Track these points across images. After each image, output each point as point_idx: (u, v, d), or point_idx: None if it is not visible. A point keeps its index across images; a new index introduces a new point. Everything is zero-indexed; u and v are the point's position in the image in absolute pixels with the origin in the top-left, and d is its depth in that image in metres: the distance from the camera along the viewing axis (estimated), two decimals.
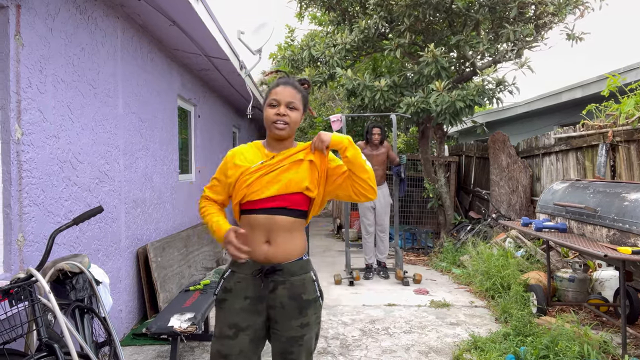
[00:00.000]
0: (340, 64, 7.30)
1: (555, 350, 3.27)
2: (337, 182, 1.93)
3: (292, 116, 1.88)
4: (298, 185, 1.85)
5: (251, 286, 1.86)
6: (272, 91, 1.91)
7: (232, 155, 1.97)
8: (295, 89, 1.90)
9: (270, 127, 1.88)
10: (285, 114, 1.85)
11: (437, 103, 6.48)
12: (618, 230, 3.53)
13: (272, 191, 1.83)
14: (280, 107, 1.86)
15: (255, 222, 1.85)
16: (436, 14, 7.05)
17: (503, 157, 7.96)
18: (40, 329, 2.04)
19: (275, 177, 1.85)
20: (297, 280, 1.87)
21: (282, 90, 1.88)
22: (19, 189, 2.52)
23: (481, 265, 5.61)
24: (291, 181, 1.85)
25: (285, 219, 1.85)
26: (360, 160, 1.87)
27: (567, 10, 6.67)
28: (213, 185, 2.01)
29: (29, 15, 2.61)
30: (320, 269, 6.67)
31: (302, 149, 1.91)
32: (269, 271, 1.84)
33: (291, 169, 1.87)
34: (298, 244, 1.91)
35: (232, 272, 1.91)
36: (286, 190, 1.84)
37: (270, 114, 1.87)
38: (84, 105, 3.24)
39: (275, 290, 1.85)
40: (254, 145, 2.00)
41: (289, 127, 1.87)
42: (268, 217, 1.83)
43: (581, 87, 7.13)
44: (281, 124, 1.86)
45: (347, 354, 3.62)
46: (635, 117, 4.92)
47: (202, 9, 4.17)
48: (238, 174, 1.88)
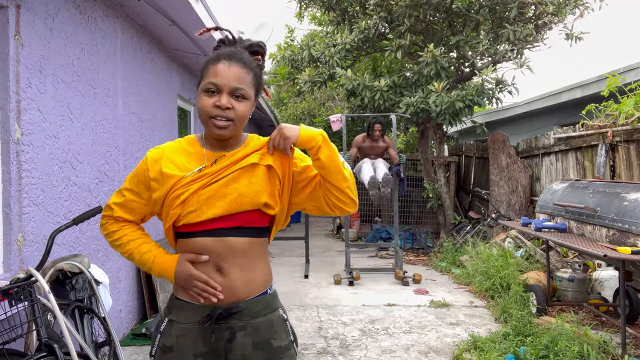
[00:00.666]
0: (340, 64, 7.30)
1: (554, 350, 3.28)
2: (306, 191, 1.44)
3: (239, 109, 1.33)
4: (252, 200, 1.35)
5: (200, 339, 1.36)
6: (210, 68, 1.34)
7: (154, 159, 1.41)
8: (244, 66, 1.34)
9: (206, 123, 1.35)
10: (229, 107, 1.31)
11: (437, 103, 6.48)
12: (617, 230, 3.53)
13: (217, 210, 1.34)
14: (222, 97, 1.31)
15: (200, 247, 1.36)
16: (436, 14, 7.05)
17: (503, 157, 7.96)
18: (40, 329, 2.04)
19: (219, 191, 1.35)
20: (263, 322, 1.39)
21: (224, 70, 1.32)
22: (18, 189, 2.52)
23: (481, 265, 5.61)
24: (243, 196, 1.35)
25: (241, 241, 1.37)
26: (337, 163, 1.36)
27: (567, 10, 6.68)
28: (126, 201, 1.44)
29: (29, 15, 2.61)
30: (320, 269, 6.68)
31: (256, 149, 1.40)
32: (223, 315, 1.35)
33: (242, 178, 1.36)
34: (260, 273, 1.42)
35: (171, 321, 1.39)
36: (237, 208, 1.35)
37: (207, 105, 1.32)
38: (84, 105, 3.24)
39: (234, 339, 1.36)
40: (186, 143, 1.45)
41: (234, 124, 1.34)
42: (217, 240, 1.35)
43: (581, 87, 7.13)
44: (222, 121, 1.32)
45: (347, 354, 3.62)
46: (635, 117, 4.92)
47: (202, 9, 4.17)
48: (167, 188, 1.36)
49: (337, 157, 1.38)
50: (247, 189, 1.36)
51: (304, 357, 3.56)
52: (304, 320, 4.41)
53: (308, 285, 5.73)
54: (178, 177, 1.37)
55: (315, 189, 1.44)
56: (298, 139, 1.35)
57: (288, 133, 1.35)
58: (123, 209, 1.45)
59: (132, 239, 1.44)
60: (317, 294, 5.36)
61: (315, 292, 5.41)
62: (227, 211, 1.35)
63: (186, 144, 1.45)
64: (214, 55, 1.37)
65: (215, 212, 1.34)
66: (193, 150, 1.43)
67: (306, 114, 13.85)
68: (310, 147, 1.36)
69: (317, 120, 13.27)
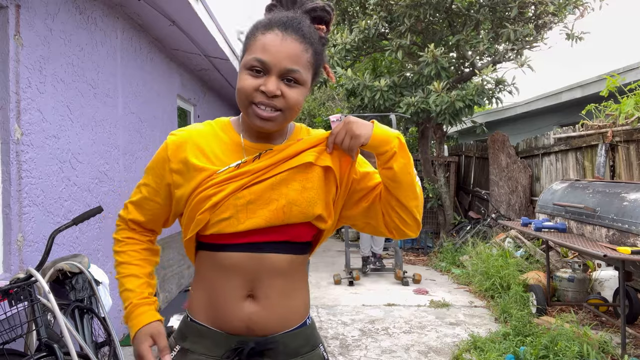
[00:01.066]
0: (340, 63, 7.30)
1: (554, 350, 3.28)
2: (362, 205, 1.16)
3: (291, 97, 1.02)
4: (304, 211, 1.06)
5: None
6: (256, 39, 1.02)
7: (176, 144, 1.10)
8: (303, 40, 1.02)
9: (246, 110, 1.04)
10: (278, 94, 1.01)
11: (437, 103, 6.48)
12: (617, 230, 3.53)
13: (258, 220, 1.05)
14: (269, 80, 1.00)
15: (231, 263, 1.07)
16: (436, 14, 7.05)
17: (502, 157, 7.96)
18: (40, 329, 2.04)
19: (263, 195, 1.05)
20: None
21: (276, 43, 1.00)
22: (18, 189, 2.52)
23: (481, 265, 5.61)
24: (293, 204, 1.06)
25: (283, 259, 1.09)
26: (412, 176, 1.09)
27: (568, 10, 6.68)
28: (142, 199, 1.16)
29: (29, 16, 2.61)
30: (320, 268, 6.68)
31: (312, 145, 1.09)
32: (255, 351, 1.07)
33: (293, 181, 1.07)
34: (301, 299, 1.15)
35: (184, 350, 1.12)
36: (283, 220, 1.06)
37: (248, 88, 1.01)
38: (84, 105, 3.24)
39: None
40: (218, 128, 1.14)
41: (283, 115, 1.03)
42: (253, 256, 1.06)
43: (581, 87, 7.14)
44: (267, 111, 1.02)
45: (347, 354, 3.62)
46: (635, 117, 4.92)
47: (202, 9, 4.17)
48: (194, 185, 1.06)
49: (412, 168, 1.09)
50: (299, 196, 1.06)
51: None
52: None
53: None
54: (209, 171, 1.06)
55: (373, 203, 1.14)
56: (370, 139, 1.05)
57: (358, 130, 1.04)
58: (138, 209, 1.17)
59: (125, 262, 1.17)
60: (317, 293, 5.36)
61: (315, 292, 5.41)
62: (270, 222, 1.05)
63: (219, 129, 1.13)
64: (265, 21, 1.05)
65: (256, 222, 1.05)
66: (227, 139, 1.11)
67: (306, 114, 13.85)
68: (383, 151, 1.06)
69: (317, 120, 13.27)
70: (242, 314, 1.07)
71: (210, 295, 1.10)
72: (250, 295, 1.08)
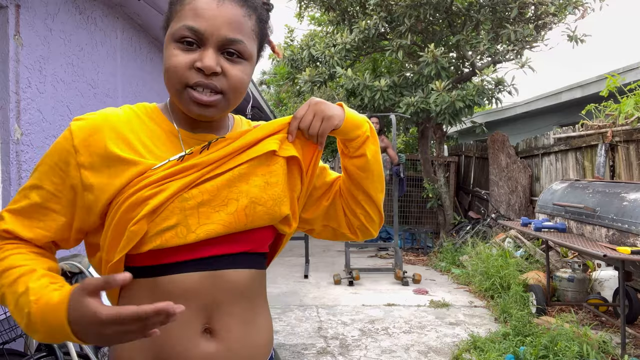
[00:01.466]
0: (340, 63, 7.31)
1: (554, 350, 3.28)
2: (322, 205, 1.00)
3: (234, 75, 0.82)
4: (270, 211, 0.87)
5: None
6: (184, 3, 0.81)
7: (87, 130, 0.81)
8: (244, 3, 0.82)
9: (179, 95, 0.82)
10: (218, 71, 0.80)
11: (437, 103, 6.49)
12: (617, 230, 3.54)
13: (215, 226, 0.82)
14: (206, 54, 0.79)
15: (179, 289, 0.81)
16: (436, 14, 7.06)
17: (502, 157, 7.96)
18: None
19: (218, 194, 0.83)
20: None
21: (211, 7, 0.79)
22: (18, 189, 2.53)
23: (480, 265, 5.61)
24: (257, 203, 0.85)
25: (244, 275, 0.86)
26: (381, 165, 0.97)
27: (568, 10, 6.68)
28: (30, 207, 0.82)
29: (28, 16, 2.61)
30: (320, 268, 6.68)
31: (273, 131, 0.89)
32: None
33: (254, 176, 0.86)
34: (265, 328, 0.92)
35: None
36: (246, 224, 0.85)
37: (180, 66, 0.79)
38: (84, 105, 3.24)
39: None
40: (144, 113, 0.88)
41: (225, 100, 0.83)
42: (208, 275, 0.82)
43: (581, 87, 7.14)
44: (207, 94, 0.80)
45: (347, 354, 3.62)
46: (635, 117, 4.92)
47: None
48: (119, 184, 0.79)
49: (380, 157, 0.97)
50: (263, 193, 0.86)
51: (303, 357, 3.56)
52: (304, 320, 4.41)
53: (308, 285, 5.73)
54: (141, 165, 0.80)
55: (334, 201, 0.99)
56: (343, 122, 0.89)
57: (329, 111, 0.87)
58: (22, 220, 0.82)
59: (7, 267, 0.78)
60: (317, 294, 5.36)
61: (315, 292, 5.41)
62: (231, 228, 0.83)
63: (144, 116, 0.87)
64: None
65: (212, 229, 0.81)
66: (157, 128, 0.86)
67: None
68: (355, 136, 0.92)
69: None
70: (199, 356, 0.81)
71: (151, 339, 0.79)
72: (207, 330, 0.83)
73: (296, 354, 3.59)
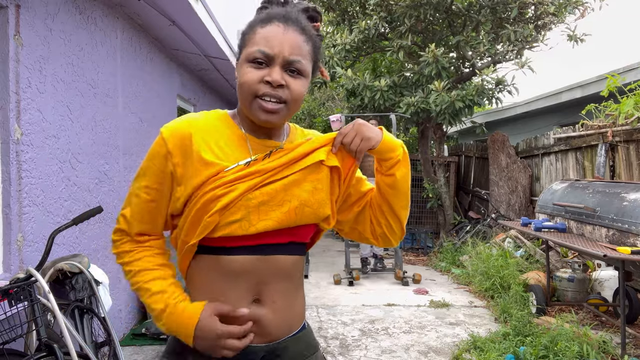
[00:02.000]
0: (340, 64, 7.30)
1: (554, 350, 3.28)
2: (354, 210, 1.17)
3: (295, 88, 1.00)
4: (315, 212, 1.05)
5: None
6: (258, 31, 1.01)
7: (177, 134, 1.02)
8: (303, 32, 1.02)
9: (250, 105, 1.00)
10: (283, 84, 0.98)
11: (437, 103, 6.49)
12: (617, 230, 3.54)
13: (270, 222, 1.01)
14: (273, 70, 0.98)
15: (237, 267, 1.01)
16: (436, 14, 7.06)
17: (502, 157, 7.96)
18: (40, 329, 2.04)
19: (276, 196, 1.01)
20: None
21: (278, 35, 0.99)
22: (18, 189, 2.53)
23: (480, 265, 5.61)
24: (305, 205, 1.03)
25: (289, 260, 1.06)
26: (408, 186, 1.14)
27: (568, 10, 6.68)
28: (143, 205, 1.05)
29: (29, 16, 2.61)
30: (320, 268, 6.68)
31: (322, 144, 1.07)
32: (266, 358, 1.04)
33: (305, 182, 1.04)
34: (302, 302, 1.14)
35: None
36: (295, 221, 1.03)
37: (252, 80, 0.98)
38: (84, 105, 3.24)
39: None
40: (217, 119, 1.08)
41: (287, 108, 1.01)
42: (260, 258, 1.02)
43: (581, 87, 7.14)
44: (272, 103, 0.99)
45: (347, 354, 3.62)
46: (635, 117, 4.92)
47: (202, 9, 4.17)
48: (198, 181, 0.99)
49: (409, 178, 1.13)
50: (311, 197, 1.04)
51: None
52: None
53: (308, 285, 5.73)
54: (217, 167, 0.99)
55: (364, 209, 1.16)
56: (379, 144, 1.06)
57: (369, 133, 1.05)
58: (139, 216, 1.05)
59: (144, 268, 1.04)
60: (317, 293, 5.36)
61: (315, 292, 5.41)
62: (283, 224, 1.01)
63: (218, 121, 1.06)
64: (264, 15, 1.03)
65: (268, 224, 1.00)
66: (230, 132, 1.05)
67: (306, 114, 13.86)
68: (388, 157, 1.08)
69: (317, 121, 13.27)
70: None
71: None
72: (256, 300, 1.03)
73: None
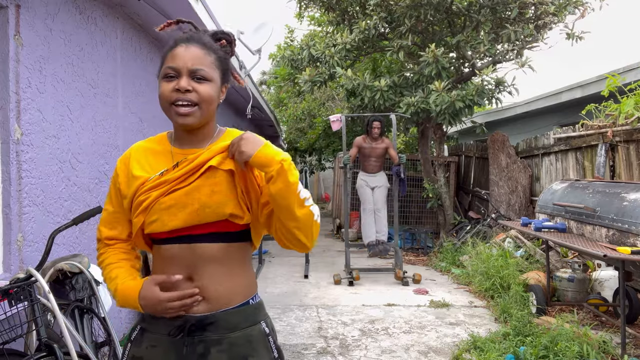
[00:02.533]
0: (341, 64, 7.30)
1: (554, 350, 3.28)
2: (264, 213, 1.30)
3: (202, 91, 1.21)
4: (215, 212, 1.23)
5: (172, 352, 1.24)
6: (167, 55, 1.25)
7: (122, 162, 1.33)
8: (203, 47, 1.24)
9: (169, 112, 1.23)
10: (190, 89, 1.20)
11: (437, 103, 6.48)
12: (617, 230, 3.54)
13: (178, 222, 1.23)
14: (181, 79, 1.20)
15: (170, 254, 1.26)
16: (436, 14, 7.06)
17: (502, 157, 7.96)
18: (40, 329, 2.04)
19: (179, 200, 1.23)
20: (240, 337, 1.25)
21: (181, 53, 1.22)
22: (18, 189, 2.53)
23: (480, 266, 5.61)
24: (205, 207, 1.22)
25: (214, 247, 1.25)
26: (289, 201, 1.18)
27: (568, 10, 6.68)
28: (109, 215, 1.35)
29: (29, 16, 2.61)
30: (320, 268, 6.68)
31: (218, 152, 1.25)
32: (196, 327, 1.23)
33: (203, 187, 1.23)
34: (240, 281, 1.29)
35: (142, 330, 1.30)
36: (199, 220, 1.23)
37: (166, 91, 1.21)
38: (84, 105, 3.24)
39: (207, 354, 1.23)
40: (155, 141, 1.35)
41: (199, 109, 1.21)
42: (186, 247, 1.24)
43: (581, 87, 7.14)
44: (185, 107, 1.20)
45: (347, 354, 3.62)
46: (635, 117, 4.92)
47: (202, 9, 4.17)
48: (133, 191, 1.27)
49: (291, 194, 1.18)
50: (209, 199, 1.22)
51: (303, 357, 3.56)
52: (304, 320, 4.41)
53: (308, 285, 5.73)
54: (143, 178, 1.26)
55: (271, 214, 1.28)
56: (252, 158, 1.17)
57: (244, 147, 1.18)
58: (107, 225, 1.35)
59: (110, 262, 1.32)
60: (317, 294, 5.36)
61: (315, 292, 5.41)
62: (189, 223, 1.23)
63: (155, 143, 1.34)
64: (172, 42, 1.27)
65: (177, 223, 1.23)
66: (161, 149, 1.31)
67: (306, 114, 13.85)
68: (265, 171, 1.19)
69: (317, 121, 13.26)
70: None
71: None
72: (190, 278, 1.24)
73: (296, 354, 3.60)
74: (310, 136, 13.96)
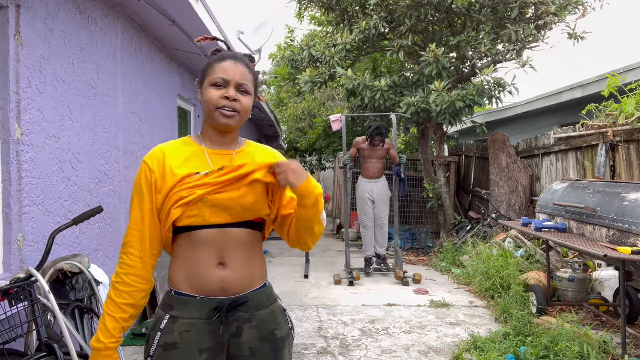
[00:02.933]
0: (341, 64, 7.30)
1: (555, 350, 3.27)
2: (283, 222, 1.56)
3: (244, 102, 1.44)
4: (256, 214, 1.45)
5: (206, 334, 1.38)
6: (216, 66, 1.45)
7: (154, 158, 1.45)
8: (247, 66, 1.48)
9: (213, 115, 1.43)
10: (237, 99, 1.42)
11: (437, 103, 6.48)
12: (618, 230, 3.53)
13: (219, 219, 1.40)
14: (230, 89, 1.42)
15: (204, 238, 1.40)
16: (436, 14, 7.05)
17: (503, 157, 7.96)
18: (40, 329, 2.04)
19: (224, 202, 1.40)
20: (267, 314, 1.46)
21: (231, 67, 1.43)
22: (18, 189, 2.53)
23: (481, 266, 5.61)
24: (247, 210, 1.43)
25: (244, 232, 1.44)
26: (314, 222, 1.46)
27: (569, 10, 6.67)
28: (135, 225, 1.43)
29: (29, 16, 2.61)
30: (320, 269, 6.68)
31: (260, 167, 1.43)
32: (231, 307, 1.39)
33: (248, 195, 1.42)
34: (260, 266, 1.51)
35: (173, 318, 1.39)
36: (240, 219, 1.43)
37: (215, 97, 1.41)
38: (84, 105, 3.24)
39: (241, 333, 1.41)
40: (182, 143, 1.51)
41: (239, 116, 1.44)
42: (220, 231, 1.40)
43: (581, 87, 7.13)
44: (229, 111, 1.42)
45: (347, 354, 3.62)
46: (635, 117, 4.92)
47: (202, 9, 4.17)
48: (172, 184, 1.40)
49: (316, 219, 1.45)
50: (252, 206, 1.43)
51: (304, 357, 3.56)
52: (304, 320, 4.41)
53: (308, 285, 5.73)
54: (183, 175, 1.40)
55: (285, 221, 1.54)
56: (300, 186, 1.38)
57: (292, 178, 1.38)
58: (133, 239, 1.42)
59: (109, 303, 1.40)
60: (317, 294, 5.36)
61: (315, 292, 5.41)
62: (229, 221, 1.42)
63: (182, 144, 1.50)
64: (219, 56, 1.49)
65: (218, 220, 1.40)
66: (192, 149, 1.48)
67: (306, 114, 13.85)
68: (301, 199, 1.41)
69: (317, 121, 13.26)
70: (215, 278, 1.39)
71: (189, 268, 1.41)
72: (221, 263, 1.40)
73: (297, 354, 3.59)
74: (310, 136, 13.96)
